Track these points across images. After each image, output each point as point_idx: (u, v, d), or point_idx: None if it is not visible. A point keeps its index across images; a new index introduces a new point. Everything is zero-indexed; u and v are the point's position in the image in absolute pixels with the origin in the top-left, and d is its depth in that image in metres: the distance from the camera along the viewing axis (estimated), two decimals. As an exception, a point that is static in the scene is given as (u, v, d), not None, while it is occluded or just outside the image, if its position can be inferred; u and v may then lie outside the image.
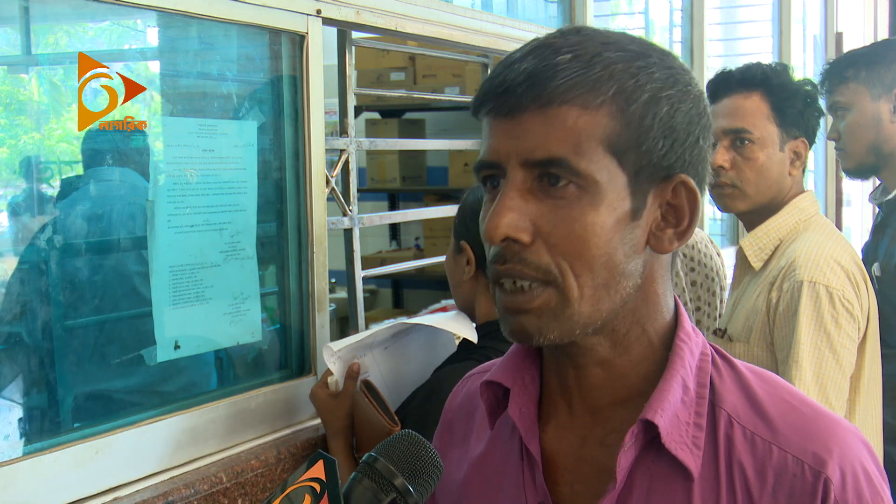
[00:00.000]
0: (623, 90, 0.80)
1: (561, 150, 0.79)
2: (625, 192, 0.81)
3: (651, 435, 0.82)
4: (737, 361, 0.89)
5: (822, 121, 1.95)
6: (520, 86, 0.80)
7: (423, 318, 1.72)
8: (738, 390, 0.85)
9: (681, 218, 0.85)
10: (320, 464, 0.84)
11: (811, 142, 1.91)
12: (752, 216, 1.93)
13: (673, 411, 0.82)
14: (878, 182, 2.49)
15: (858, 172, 2.43)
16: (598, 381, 0.87)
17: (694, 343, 0.87)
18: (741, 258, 1.94)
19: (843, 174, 2.87)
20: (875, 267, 2.37)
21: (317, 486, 0.82)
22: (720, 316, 2.19)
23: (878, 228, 2.44)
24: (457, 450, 1.01)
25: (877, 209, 2.57)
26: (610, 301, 0.82)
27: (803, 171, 1.94)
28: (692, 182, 0.84)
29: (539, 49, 0.81)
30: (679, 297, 1.61)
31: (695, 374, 0.85)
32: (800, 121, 1.87)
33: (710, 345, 0.90)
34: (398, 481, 0.85)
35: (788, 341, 1.72)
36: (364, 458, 0.88)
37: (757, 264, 1.88)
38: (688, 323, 0.89)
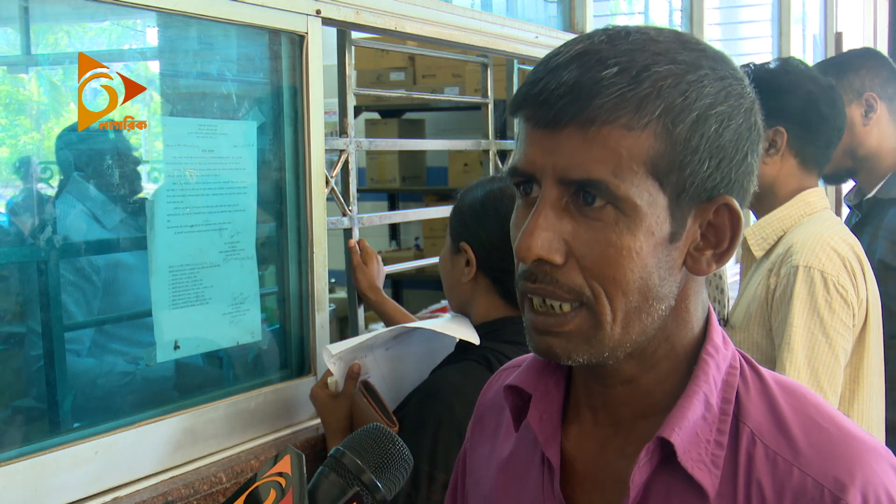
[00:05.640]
0: (671, 109, 0.75)
1: (600, 173, 0.75)
2: (664, 214, 0.77)
3: (668, 452, 0.79)
4: (766, 373, 0.85)
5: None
6: (560, 98, 0.75)
7: (424, 322, 1.71)
8: (764, 406, 0.82)
9: (721, 239, 0.81)
10: (287, 458, 0.83)
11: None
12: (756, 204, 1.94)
13: (692, 429, 0.79)
14: (853, 184, 2.58)
15: (836, 177, 2.58)
16: (622, 398, 0.85)
17: (721, 356, 0.84)
18: (745, 248, 1.95)
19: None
20: None
21: (282, 481, 0.81)
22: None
23: (856, 228, 2.47)
24: (486, 445, 1.00)
25: (848, 210, 2.66)
26: (641, 325, 0.80)
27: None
28: (735, 204, 0.80)
29: (584, 56, 0.76)
30: None
31: (720, 388, 0.82)
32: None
33: (741, 354, 0.87)
34: (365, 476, 0.83)
35: (784, 326, 1.72)
36: (331, 451, 0.86)
37: (758, 253, 1.90)
38: (717, 334, 0.85)
